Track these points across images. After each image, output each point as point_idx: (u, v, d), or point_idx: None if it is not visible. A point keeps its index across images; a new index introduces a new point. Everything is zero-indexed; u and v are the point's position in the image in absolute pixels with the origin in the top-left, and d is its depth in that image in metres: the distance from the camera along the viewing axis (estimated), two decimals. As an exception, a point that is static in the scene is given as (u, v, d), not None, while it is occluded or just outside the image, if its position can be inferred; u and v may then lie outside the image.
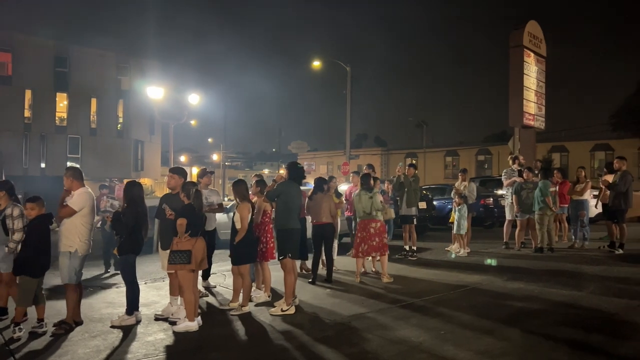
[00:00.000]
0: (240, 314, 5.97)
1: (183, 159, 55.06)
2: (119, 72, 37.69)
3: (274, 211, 6.71)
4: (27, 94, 33.72)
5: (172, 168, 6.55)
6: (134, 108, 37.13)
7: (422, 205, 11.98)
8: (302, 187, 7.29)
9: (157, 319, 5.87)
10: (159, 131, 40.68)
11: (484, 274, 7.94)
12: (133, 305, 5.74)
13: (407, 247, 9.91)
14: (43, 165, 33.66)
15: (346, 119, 25.96)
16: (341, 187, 11.74)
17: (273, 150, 76.13)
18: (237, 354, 4.77)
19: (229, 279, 7.47)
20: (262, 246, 6.71)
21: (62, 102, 35.56)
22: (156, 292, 7.35)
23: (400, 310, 5.96)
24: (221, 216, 8.58)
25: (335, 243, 8.45)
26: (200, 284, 6.91)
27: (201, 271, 6.44)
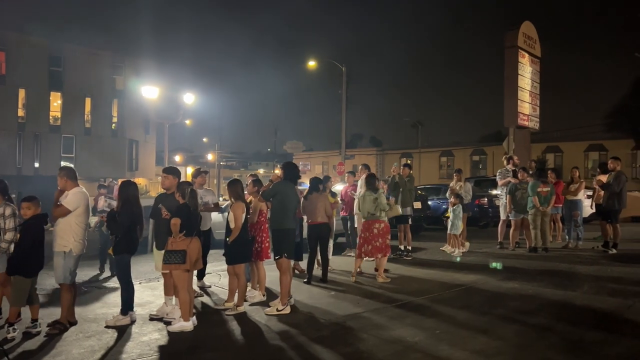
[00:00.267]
0: (235, 313, 5.96)
1: (178, 158, 55.03)
2: (113, 72, 37.59)
3: (269, 211, 6.70)
4: (21, 93, 33.58)
5: (166, 168, 6.52)
6: (129, 107, 37.05)
7: (417, 205, 12.05)
8: (298, 187, 7.28)
9: (152, 319, 5.85)
10: (154, 131, 40.63)
11: (478, 274, 7.97)
12: (128, 305, 5.72)
13: (402, 247, 9.93)
14: (37, 165, 33.52)
15: (341, 119, 26.01)
16: (336, 187, 11.76)
17: (268, 150, 76.15)
18: (232, 354, 4.77)
19: (224, 279, 7.46)
20: (257, 246, 6.70)
21: (56, 102, 35.42)
22: (151, 292, 7.33)
23: (396, 310, 5.98)
24: (216, 216, 8.55)
25: (331, 243, 8.45)
26: (195, 284, 6.90)
27: (196, 271, 6.44)
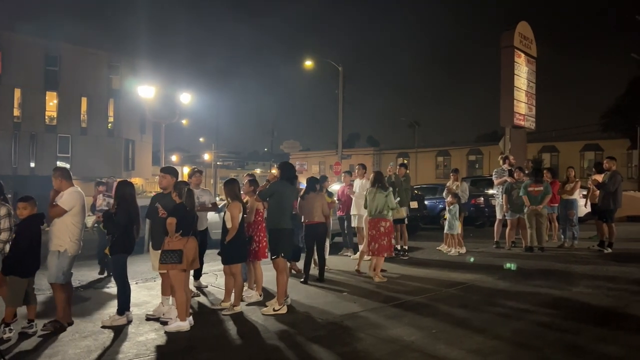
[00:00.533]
0: (232, 313, 5.96)
1: (174, 158, 54.91)
2: (110, 71, 37.48)
3: (266, 210, 6.70)
4: (17, 92, 33.45)
5: (164, 168, 6.51)
6: (125, 107, 36.92)
7: (413, 204, 12.05)
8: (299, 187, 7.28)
9: (149, 319, 5.84)
10: (150, 130, 40.51)
11: (475, 273, 7.99)
12: (124, 305, 5.71)
13: (399, 247, 9.94)
14: (33, 165, 33.41)
15: (338, 118, 26.01)
16: (333, 187, 11.76)
17: (265, 149, 75.93)
18: (228, 353, 4.77)
19: (220, 279, 7.45)
20: (254, 245, 6.69)
21: (52, 101, 35.30)
22: (147, 292, 7.32)
23: (392, 309, 5.98)
24: (213, 216, 8.56)
25: (327, 242, 8.46)
26: (191, 284, 6.89)
27: (193, 271, 6.43)
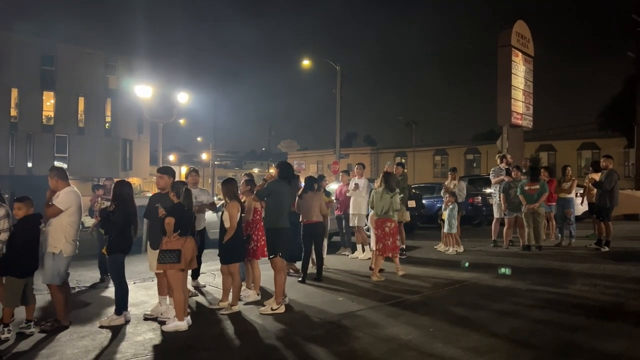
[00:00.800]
0: (229, 313, 5.96)
1: (172, 158, 54.83)
2: (107, 71, 37.39)
3: (263, 210, 6.69)
4: (13, 92, 33.36)
5: (161, 168, 6.50)
6: (122, 107, 36.85)
7: (411, 204, 12.06)
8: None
9: (147, 318, 5.84)
10: (148, 130, 40.41)
11: (472, 272, 8.00)
12: (122, 305, 5.71)
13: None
14: (30, 165, 33.34)
15: (336, 118, 26.01)
16: (331, 186, 11.77)
17: (263, 149, 75.86)
18: (226, 353, 4.77)
19: (218, 279, 7.45)
20: (253, 244, 6.69)
21: (49, 101, 35.21)
22: (145, 292, 7.31)
23: (390, 308, 5.99)
24: (210, 215, 8.55)
25: (325, 242, 8.47)
26: (189, 284, 6.89)
27: (191, 270, 6.43)
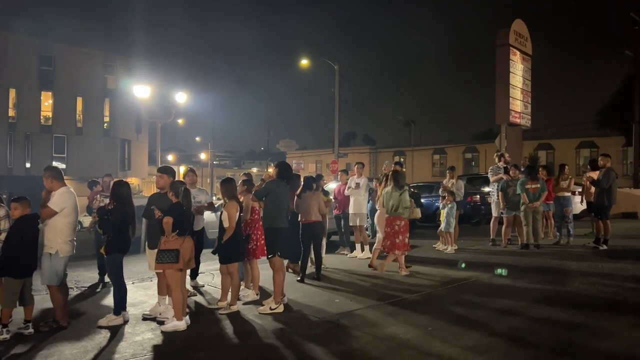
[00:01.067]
0: (228, 312, 5.97)
1: (170, 158, 54.70)
2: (105, 71, 37.35)
3: (262, 210, 6.69)
4: (11, 92, 33.30)
5: (161, 167, 6.48)
6: (121, 107, 36.82)
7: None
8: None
9: (145, 318, 5.84)
10: (146, 130, 40.40)
11: (470, 271, 8.01)
12: (120, 305, 5.71)
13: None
14: (28, 165, 33.30)
15: (335, 117, 26.01)
16: (330, 186, 11.77)
17: (261, 148, 75.85)
18: (225, 353, 4.77)
19: (217, 278, 7.45)
20: (252, 244, 6.69)
21: (47, 101, 35.17)
22: (144, 292, 7.31)
23: (389, 307, 6.00)
24: (209, 215, 8.55)
25: (324, 241, 8.47)
26: (188, 283, 6.90)
27: (189, 270, 6.43)
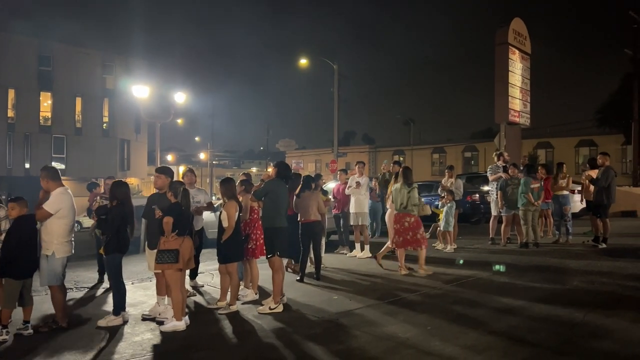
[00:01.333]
0: (228, 312, 5.97)
1: (170, 158, 54.72)
2: (104, 71, 37.34)
3: (261, 209, 6.69)
4: (10, 93, 33.28)
5: (159, 168, 6.48)
6: (120, 107, 36.80)
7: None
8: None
9: (145, 319, 5.85)
10: (145, 130, 40.40)
11: (470, 270, 8.01)
12: (120, 306, 5.71)
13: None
14: (27, 166, 33.27)
15: (334, 116, 26.01)
16: (329, 185, 11.78)
17: (261, 148, 75.82)
18: (225, 353, 4.78)
19: (216, 278, 7.45)
20: (252, 244, 6.69)
21: (46, 102, 35.16)
22: (143, 292, 7.31)
23: (388, 307, 6.00)
24: (208, 215, 8.55)
25: (323, 241, 8.47)
26: (187, 283, 6.90)
27: (189, 270, 6.43)
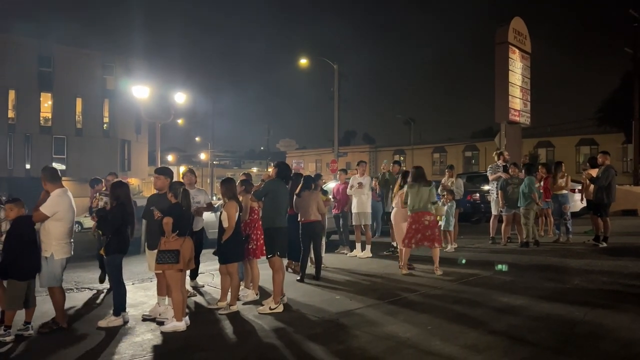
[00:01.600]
0: (228, 313, 5.97)
1: (170, 158, 54.76)
2: (104, 71, 37.39)
3: (260, 210, 6.69)
4: (11, 94, 33.33)
5: (158, 169, 6.48)
6: (120, 107, 36.85)
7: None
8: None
9: (145, 319, 5.85)
10: (146, 130, 40.43)
11: (470, 269, 8.01)
12: (120, 306, 5.71)
13: (395, 244, 9.94)
14: (28, 167, 33.31)
15: (334, 116, 26.01)
16: (329, 185, 11.79)
17: (261, 148, 75.80)
18: (225, 353, 4.78)
19: (217, 279, 7.46)
20: (252, 244, 6.69)
21: (46, 102, 35.21)
22: (144, 293, 7.32)
23: (388, 306, 6.00)
24: (209, 215, 8.55)
25: (324, 241, 8.48)
26: (188, 284, 6.90)
27: (189, 271, 6.43)
